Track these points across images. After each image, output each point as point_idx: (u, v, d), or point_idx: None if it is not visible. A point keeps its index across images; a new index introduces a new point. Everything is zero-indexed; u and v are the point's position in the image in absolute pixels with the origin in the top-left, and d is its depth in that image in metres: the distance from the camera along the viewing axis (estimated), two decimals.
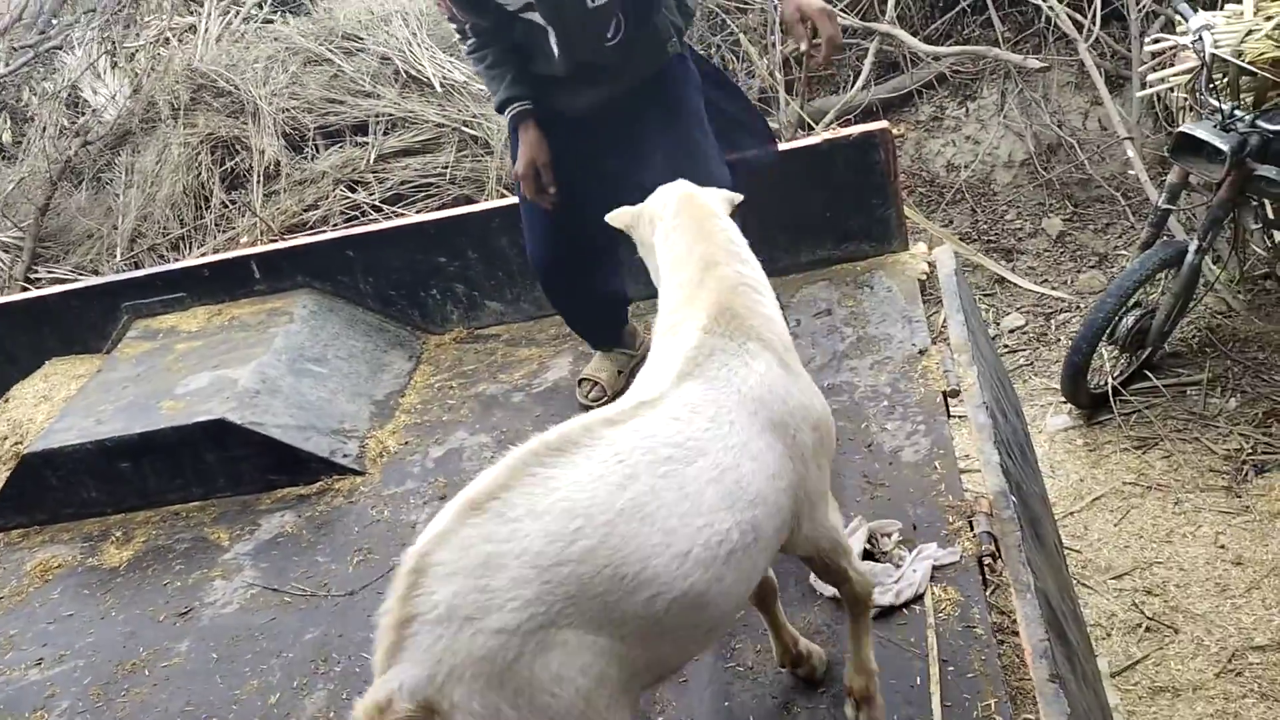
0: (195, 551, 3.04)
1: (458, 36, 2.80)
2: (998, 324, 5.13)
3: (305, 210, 6.16)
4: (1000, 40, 6.00)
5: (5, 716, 2.61)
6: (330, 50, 6.70)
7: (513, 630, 1.37)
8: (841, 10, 6.26)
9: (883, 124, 3.25)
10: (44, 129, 7.31)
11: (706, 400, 1.66)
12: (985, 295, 5.27)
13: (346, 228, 5.71)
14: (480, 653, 1.36)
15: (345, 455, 3.20)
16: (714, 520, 1.55)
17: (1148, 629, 3.61)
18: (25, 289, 6.32)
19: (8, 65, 8.12)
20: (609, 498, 1.48)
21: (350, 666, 2.48)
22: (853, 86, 6.04)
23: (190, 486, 3.20)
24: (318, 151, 6.42)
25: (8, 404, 3.79)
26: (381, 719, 1.35)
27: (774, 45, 6.05)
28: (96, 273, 6.35)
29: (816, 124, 5.73)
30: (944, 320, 3.29)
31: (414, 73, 6.52)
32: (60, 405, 3.59)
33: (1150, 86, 4.71)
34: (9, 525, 3.34)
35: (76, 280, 5.94)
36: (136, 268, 6.16)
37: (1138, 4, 5.57)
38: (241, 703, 2.45)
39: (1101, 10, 5.61)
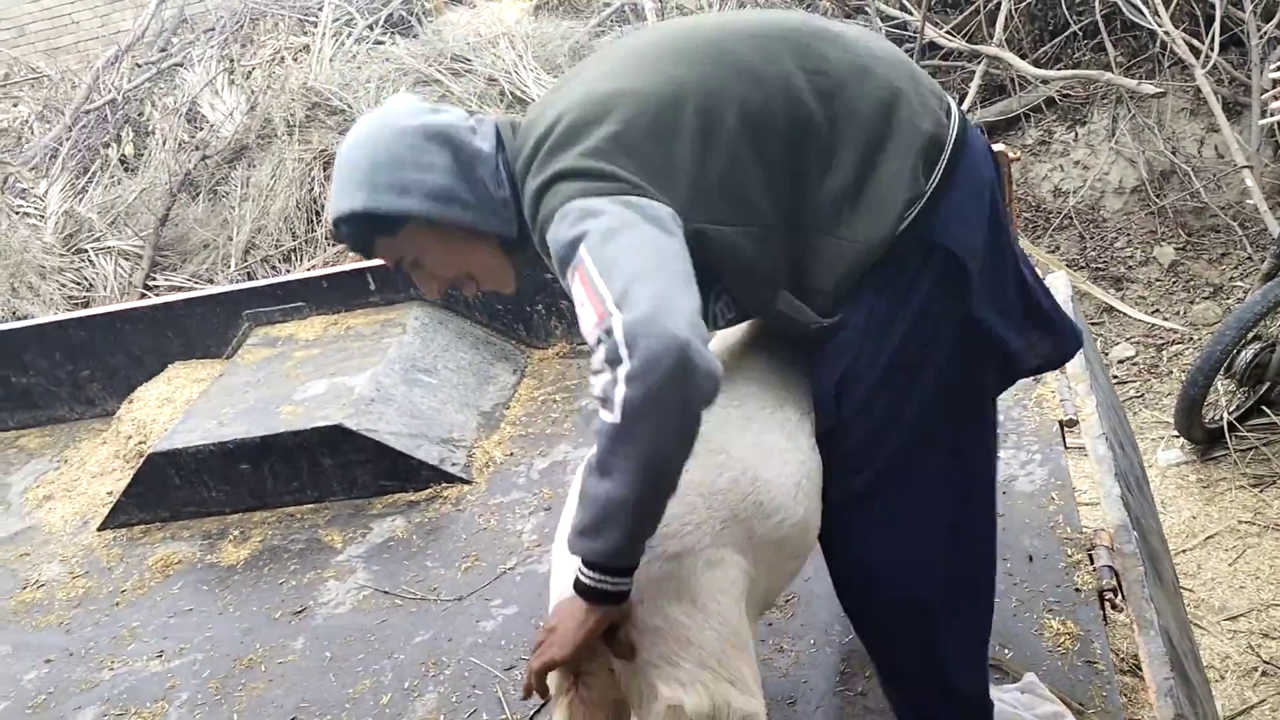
0: (309, 552, 3.13)
1: None
2: (1106, 354, 5.01)
3: None
4: (1113, 64, 5.89)
5: (129, 705, 2.71)
6: (439, 71, 6.88)
7: (691, 551, 1.53)
8: (947, 33, 6.22)
9: (999, 147, 3.21)
10: (164, 142, 7.62)
11: (748, 357, 1.81)
12: (1093, 324, 5.16)
13: None
14: (658, 575, 1.50)
15: (454, 464, 3.27)
16: (809, 458, 1.70)
17: (1264, 673, 3.48)
18: (144, 295, 6.59)
19: (131, 81, 8.48)
20: (739, 436, 1.64)
21: (460, 670, 2.52)
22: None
23: (306, 489, 3.30)
24: None
25: (132, 405, 3.96)
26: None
27: None
28: (211, 281, 6.59)
29: None
30: None
31: (519, 94, 6.65)
32: (182, 407, 3.73)
33: (1272, 115, 4.57)
34: (132, 521, 3.47)
35: (193, 288, 6.18)
36: (250, 278, 6.37)
37: (1259, 30, 5.42)
38: (354, 701, 2.51)
39: (1220, 36, 5.47)
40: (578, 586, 1.44)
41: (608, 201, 1.45)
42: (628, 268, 1.35)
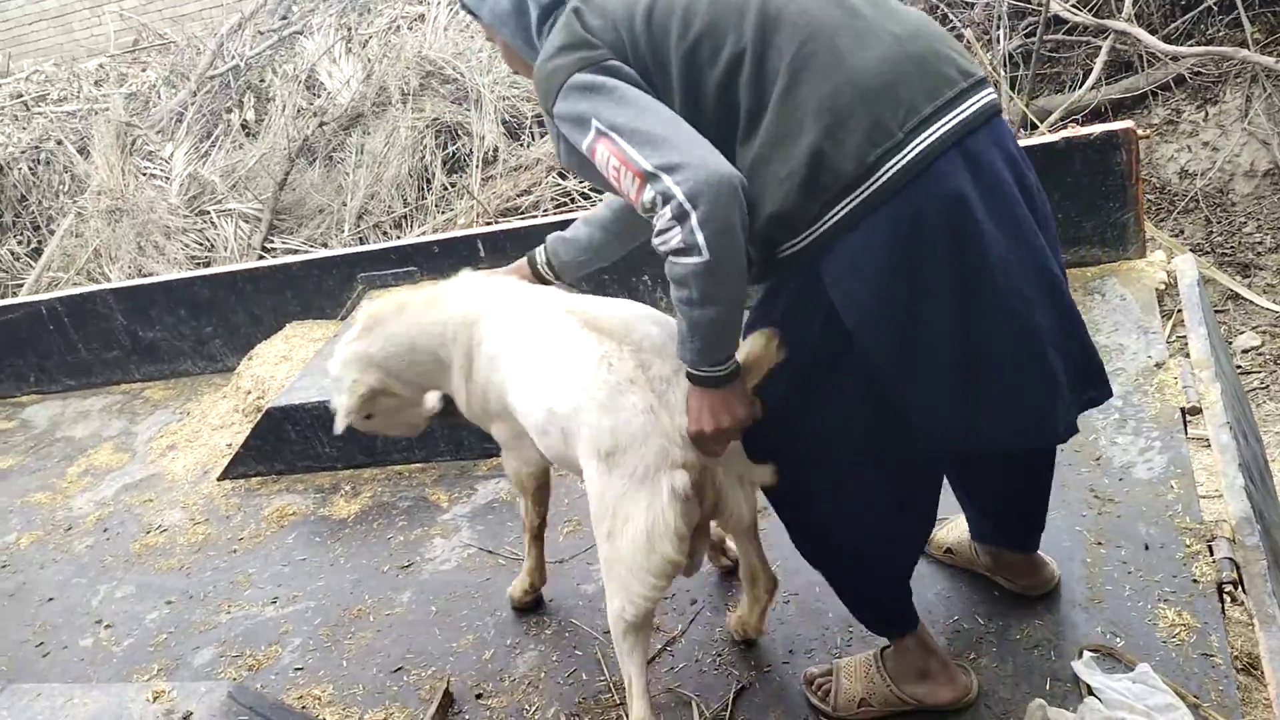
0: (417, 510, 3.21)
1: None
2: (1230, 343, 4.81)
3: (519, 195, 6.38)
4: (1249, 41, 5.62)
5: (244, 647, 2.83)
6: None
7: None
8: (1073, 6, 6.01)
9: (1127, 124, 3.11)
10: (284, 109, 7.82)
11: None
12: (1218, 311, 4.95)
13: (558, 213, 5.89)
14: None
15: None
16: None
17: None
18: (261, 257, 6.80)
19: (253, 48, 8.72)
20: None
21: (560, 630, 2.57)
22: (1081, 85, 5.77)
23: (414, 449, 3.38)
24: (533, 139, 6.64)
25: (252, 361, 4.10)
26: None
27: (999, 39, 5.85)
28: (326, 245, 6.76)
29: (1041, 122, 5.52)
30: (1169, 332, 3.13)
31: None
32: (299, 365, 3.85)
33: None
34: (250, 473, 3.61)
35: (308, 251, 6.36)
36: (362, 243, 6.52)
37: None
38: (458, 655, 2.58)
39: None
40: (712, 382, 1.76)
41: (599, 73, 1.69)
42: (651, 134, 1.62)
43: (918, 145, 1.58)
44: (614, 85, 1.68)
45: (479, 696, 2.43)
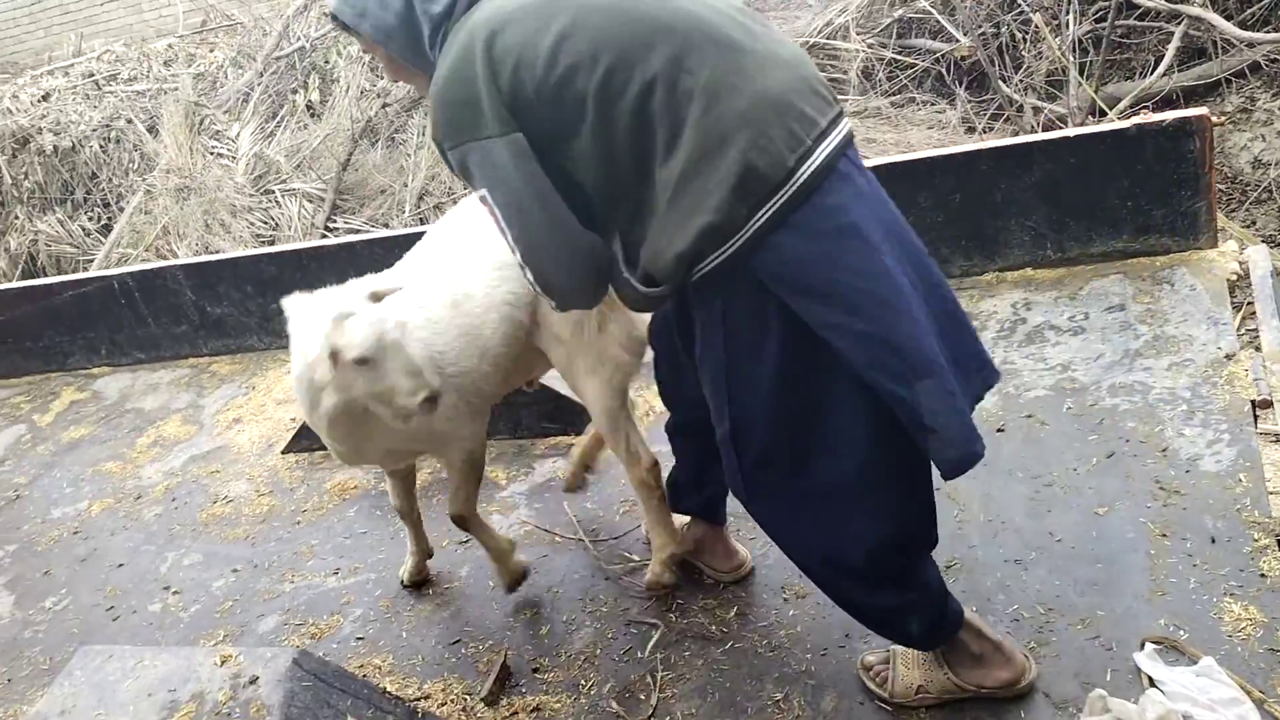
0: None
1: None
2: None
3: None
4: None
5: (307, 616, 2.89)
6: None
7: None
8: None
9: (1202, 110, 3.04)
10: (348, 90, 7.90)
11: None
12: None
13: None
14: None
15: None
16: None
17: None
18: (324, 236, 6.89)
19: (319, 29, 8.82)
20: None
21: (615, 608, 2.59)
22: (1153, 72, 5.65)
23: None
24: None
25: None
26: None
27: (1069, 24, 5.74)
28: (387, 226, 6.84)
29: (1110, 109, 5.41)
30: (1239, 324, 3.07)
31: None
32: None
33: None
34: (313, 447, 3.67)
35: (370, 231, 6.44)
36: (422, 224, 6.59)
37: None
38: (515, 629, 2.62)
39: None
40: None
41: (499, 147, 1.78)
42: (524, 234, 1.83)
43: (823, 151, 1.75)
44: (508, 172, 1.79)
45: (535, 670, 2.47)
